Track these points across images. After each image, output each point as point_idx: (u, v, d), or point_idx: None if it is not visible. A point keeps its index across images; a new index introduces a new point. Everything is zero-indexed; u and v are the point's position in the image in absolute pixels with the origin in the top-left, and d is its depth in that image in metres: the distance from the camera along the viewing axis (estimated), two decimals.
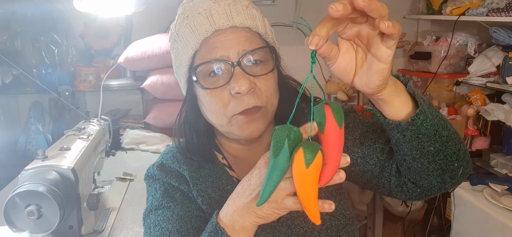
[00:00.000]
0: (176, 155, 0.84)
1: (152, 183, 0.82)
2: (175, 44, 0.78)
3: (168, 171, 0.81)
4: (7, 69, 2.06)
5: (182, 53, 0.76)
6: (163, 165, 0.83)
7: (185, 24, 0.75)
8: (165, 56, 2.26)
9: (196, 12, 0.74)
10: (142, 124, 2.35)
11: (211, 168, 0.82)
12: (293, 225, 0.78)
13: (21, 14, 2.10)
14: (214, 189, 0.79)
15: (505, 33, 2.04)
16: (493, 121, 2.12)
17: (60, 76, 2.14)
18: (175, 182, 0.79)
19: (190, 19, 0.74)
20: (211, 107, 0.75)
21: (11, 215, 0.98)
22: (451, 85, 2.44)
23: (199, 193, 0.79)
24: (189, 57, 0.75)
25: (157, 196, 0.79)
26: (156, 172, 0.82)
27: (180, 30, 0.76)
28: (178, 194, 0.79)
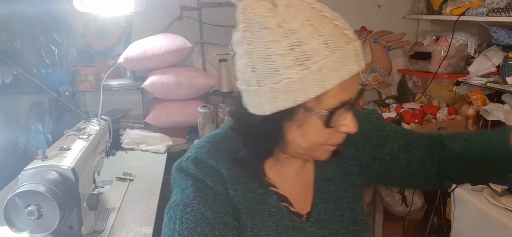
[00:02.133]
0: (211, 151, 0.79)
1: (184, 177, 0.77)
2: (299, 68, 0.64)
3: (204, 167, 0.77)
4: (7, 69, 2.06)
5: (312, 85, 0.65)
6: (199, 160, 0.78)
7: (322, 55, 0.64)
8: (165, 56, 2.26)
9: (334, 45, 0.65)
10: (142, 124, 2.35)
11: (247, 167, 0.80)
12: (321, 226, 0.80)
13: (21, 14, 2.10)
14: (247, 189, 0.78)
15: (505, 33, 2.04)
16: (493, 121, 2.11)
17: (60, 76, 2.14)
18: (209, 182, 0.76)
19: (327, 51, 0.64)
20: (315, 139, 0.72)
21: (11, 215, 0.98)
22: (451, 85, 2.44)
23: (236, 193, 0.77)
24: (320, 93, 0.66)
25: (188, 193, 0.75)
26: (191, 167, 0.77)
27: (314, 58, 0.64)
28: (210, 195, 0.75)
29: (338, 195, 0.84)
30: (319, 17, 0.66)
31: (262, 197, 0.79)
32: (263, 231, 0.76)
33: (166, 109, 2.32)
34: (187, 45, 2.30)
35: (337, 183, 0.85)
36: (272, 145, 0.75)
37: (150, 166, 1.92)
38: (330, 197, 0.83)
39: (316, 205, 0.82)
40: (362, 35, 2.71)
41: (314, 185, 0.84)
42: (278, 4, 0.66)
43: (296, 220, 0.79)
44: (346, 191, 0.85)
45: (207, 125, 2.27)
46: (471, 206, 1.71)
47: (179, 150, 2.30)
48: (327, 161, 0.83)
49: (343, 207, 0.83)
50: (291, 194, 0.81)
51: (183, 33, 2.42)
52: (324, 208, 0.82)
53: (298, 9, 0.65)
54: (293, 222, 0.78)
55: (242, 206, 0.77)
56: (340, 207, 0.83)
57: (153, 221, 1.40)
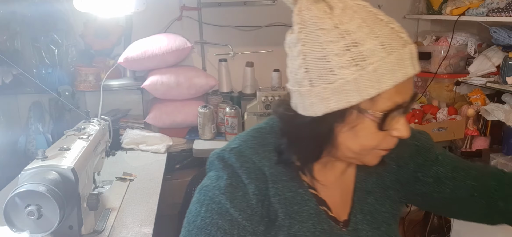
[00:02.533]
0: (255, 147, 0.78)
1: (223, 167, 0.77)
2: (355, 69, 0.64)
3: (245, 161, 0.76)
4: (7, 69, 2.06)
5: (367, 86, 0.65)
6: (242, 153, 0.77)
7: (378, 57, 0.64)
8: (165, 56, 2.26)
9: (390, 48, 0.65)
10: (142, 124, 2.35)
11: (287, 168, 0.79)
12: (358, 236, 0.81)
13: (21, 14, 2.10)
14: (288, 189, 0.78)
15: (505, 33, 2.04)
16: (493, 121, 2.12)
17: (60, 76, 2.14)
18: (245, 179, 0.75)
19: (380, 52, 0.65)
20: (367, 142, 0.71)
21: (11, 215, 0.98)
22: (451, 85, 2.44)
23: (277, 191, 0.77)
24: (375, 95, 0.66)
25: (220, 185, 0.75)
26: (232, 159, 0.76)
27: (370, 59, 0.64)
28: (240, 194, 0.75)
29: (375, 208, 0.84)
30: (375, 19, 0.66)
31: (302, 198, 0.78)
32: (301, 232, 0.76)
33: (166, 109, 2.32)
34: (187, 45, 2.30)
35: (376, 196, 0.85)
36: (322, 148, 0.74)
37: (150, 166, 1.92)
38: (368, 209, 0.83)
39: (354, 215, 0.82)
40: None
41: (354, 194, 0.84)
42: (334, 6, 0.66)
43: (333, 226, 0.79)
44: (384, 205, 0.85)
45: (207, 125, 2.27)
46: None
47: (179, 150, 2.30)
48: (368, 172, 0.84)
49: (380, 221, 0.83)
50: (330, 199, 0.81)
51: (183, 33, 2.42)
52: (361, 219, 0.82)
53: (355, 11, 0.66)
54: (330, 227, 0.79)
55: (282, 205, 0.77)
56: (377, 221, 0.83)
57: (153, 221, 1.40)
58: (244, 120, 2.32)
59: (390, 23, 0.67)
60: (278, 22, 2.55)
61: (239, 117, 2.26)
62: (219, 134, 2.34)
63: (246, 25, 2.55)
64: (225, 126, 2.27)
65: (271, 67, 2.55)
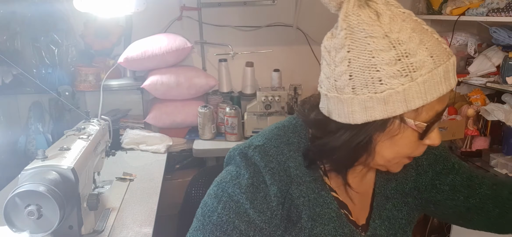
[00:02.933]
0: (280, 146, 0.77)
1: (245, 165, 0.75)
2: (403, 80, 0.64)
3: (270, 161, 0.75)
4: (7, 69, 2.06)
5: (414, 97, 0.65)
6: (267, 152, 0.76)
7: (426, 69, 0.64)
8: (165, 56, 2.26)
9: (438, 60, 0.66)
10: (142, 124, 2.35)
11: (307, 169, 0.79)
12: None
13: (21, 14, 2.10)
14: (311, 190, 0.78)
15: (505, 33, 2.04)
16: (493, 121, 2.12)
17: (60, 76, 2.14)
18: (268, 179, 0.74)
19: (432, 64, 0.65)
20: (404, 151, 0.72)
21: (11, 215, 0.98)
22: None
23: (301, 193, 0.76)
24: (420, 105, 0.66)
25: (241, 183, 0.74)
26: (256, 157, 0.75)
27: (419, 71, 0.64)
28: (261, 195, 0.74)
29: (393, 214, 0.84)
30: (422, 29, 0.66)
31: (324, 201, 0.78)
32: (323, 234, 0.77)
33: (166, 109, 2.32)
34: (187, 45, 2.30)
35: (394, 202, 0.85)
36: (358, 156, 0.73)
37: (150, 166, 1.92)
38: (386, 215, 0.84)
39: (373, 220, 0.82)
40: None
41: (373, 200, 0.84)
42: (382, 13, 0.66)
43: (354, 230, 0.80)
44: (401, 211, 0.85)
45: (207, 125, 2.27)
46: None
47: (179, 150, 2.30)
48: (387, 178, 0.85)
49: (396, 228, 0.84)
50: (349, 202, 0.81)
51: (183, 33, 2.42)
52: (380, 225, 0.83)
53: (403, 20, 0.66)
54: (351, 231, 0.79)
55: (305, 206, 0.76)
56: (394, 227, 0.84)
57: (153, 221, 1.40)
58: (244, 120, 2.32)
59: (434, 34, 0.67)
60: (278, 22, 2.55)
61: (239, 117, 2.26)
62: (219, 134, 2.34)
63: (246, 25, 2.55)
64: (225, 126, 2.27)
65: (271, 67, 2.55)
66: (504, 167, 2.03)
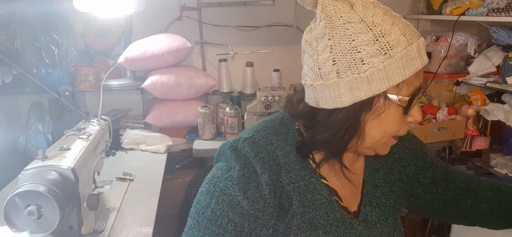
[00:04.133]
0: (269, 136, 0.80)
1: (235, 157, 0.77)
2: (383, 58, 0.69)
3: (259, 151, 0.77)
4: (7, 69, 2.06)
5: (394, 73, 0.70)
6: (256, 143, 0.78)
7: (402, 46, 0.70)
8: (165, 56, 2.26)
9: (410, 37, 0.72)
10: (142, 124, 2.35)
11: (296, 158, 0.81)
12: (367, 227, 0.84)
13: (21, 14, 2.10)
14: (301, 177, 0.80)
15: (505, 33, 2.04)
16: (493, 121, 2.12)
17: (60, 76, 2.14)
18: (259, 169, 0.76)
19: (403, 42, 0.71)
20: (391, 128, 0.76)
21: (11, 215, 0.98)
22: (451, 85, 2.44)
23: (291, 179, 0.79)
24: (401, 81, 0.71)
25: (233, 176, 0.76)
26: (246, 148, 0.77)
27: (396, 48, 0.70)
28: (253, 185, 0.75)
29: (382, 202, 0.88)
30: (392, 14, 0.74)
31: (315, 187, 0.81)
32: (315, 219, 0.79)
33: (166, 109, 2.32)
34: (187, 45, 2.30)
35: (383, 191, 0.89)
36: (349, 139, 0.76)
37: (150, 166, 1.92)
38: (375, 202, 0.87)
39: (364, 206, 0.85)
40: None
41: (363, 188, 0.87)
42: (355, 3, 0.72)
43: (345, 215, 0.82)
44: (389, 200, 0.89)
45: (207, 125, 2.27)
46: None
47: (179, 150, 2.30)
48: (375, 168, 0.89)
49: (387, 214, 0.87)
50: (340, 189, 0.84)
51: (183, 33, 2.42)
52: (370, 211, 0.86)
53: (375, 6, 0.72)
54: (342, 216, 0.82)
55: (296, 193, 0.79)
56: (384, 214, 0.87)
57: (153, 221, 1.40)
58: (244, 120, 2.32)
59: (402, 18, 0.75)
60: (278, 22, 2.55)
61: (239, 117, 2.26)
62: (219, 134, 2.34)
63: (246, 25, 2.55)
64: (225, 126, 2.27)
65: (271, 67, 2.55)
66: (504, 167, 2.03)
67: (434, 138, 2.22)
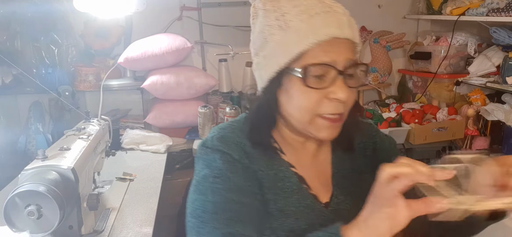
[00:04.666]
0: (235, 130, 0.84)
1: (210, 152, 0.81)
2: (281, 32, 0.75)
3: (229, 143, 0.81)
4: (7, 69, 2.06)
5: (291, 44, 0.74)
6: (224, 137, 0.83)
7: (301, 19, 0.74)
8: (165, 56, 2.26)
9: (314, 11, 0.74)
10: (142, 124, 2.35)
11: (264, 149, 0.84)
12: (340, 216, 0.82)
13: (21, 14, 2.10)
14: (270, 167, 0.82)
15: (505, 33, 2.04)
16: (493, 121, 2.12)
17: (60, 76, 2.14)
18: (236, 156, 0.80)
19: (305, 14, 0.74)
20: (300, 102, 0.77)
21: (11, 215, 0.98)
22: (451, 85, 2.44)
23: (259, 167, 0.81)
24: (298, 52, 0.74)
25: (217, 165, 0.79)
26: (216, 143, 0.81)
27: (294, 21, 0.74)
28: (239, 166, 0.79)
29: (354, 191, 0.87)
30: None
31: (284, 175, 0.82)
32: (286, 206, 0.80)
33: (166, 109, 2.32)
34: (187, 45, 2.30)
35: (353, 180, 0.89)
36: (272, 115, 0.82)
37: (150, 166, 1.92)
38: (347, 191, 0.87)
39: (336, 196, 0.86)
40: (362, 35, 2.71)
41: (332, 179, 0.88)
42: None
43: (315, 202, 0.83)
44: (361, 188, 0.86)
45: (207, 125, 2.27)
46: None
47: (179, 150, 2.30)
48: (343, 158, 0.89)
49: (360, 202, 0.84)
50: (308, 179, 0.85)
51: (183, 33, 2.42)
52: (343, 200, 0.86)
53: None
54: (313, 203, 0.82)
55: (266, 180, 0.81)
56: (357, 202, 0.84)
57: (153, 221, 1.40)
58: None
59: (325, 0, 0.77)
60: None
61: None
62: None
63: (246, 25, 2.53)
64: None
65: None
66: None
67: (434, 138, 2.22)
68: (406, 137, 2.23)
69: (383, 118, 2.31)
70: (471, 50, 2.38)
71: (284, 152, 0.86)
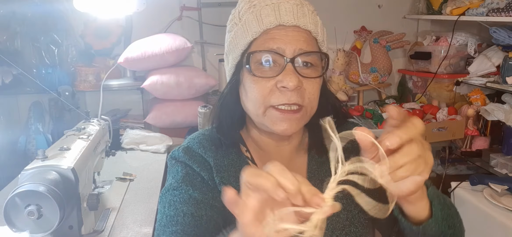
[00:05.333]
0: (202, 141, 0.85)
1: (175, 164, 0.83)
2: (235, 28, 0.79)
3: (192, 155, 0.83)
4: (7, 69, 2.06)
5: (241, 37, 0.77)
6: (189, 149, 0.84)
7: (250, 12, 0.77)
8: (165, 56, 2.26)
9: (264, 4, 0.77)
10: (142, 124, 2.35)
11: (235, 159, 0.83)
12: None
13: (21, 14, 2.10)
14: (236, 179, 0.80)
15: (505, 33, 2.04)
16: (493, 121, 2.12)
17: (60, 76, 2.14)
18: (196, 168, 0.81)
19: (256, 8, 0.77)
20: (252, 94, 0.76)
21: (11, 215, 0.98)
22: (451, 85, 2.44)
23: (222, 180, 0.80)
24: (247, 43, 0.76)
25: (177, 178, 0.80)
26: (181, 155, 0.83)
27: (244, 15, 0.78)
28: (198, 179, 0.80)
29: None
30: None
31: None
32: None
33: (166, 109, 2.32)
34: (187, 45, 2.30)
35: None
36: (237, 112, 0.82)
37: (150, 166, 1.92)
38: None
39: None
40: (362, 35, 2.71)
41: None
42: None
43: None
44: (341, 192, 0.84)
45: (207, 125, 2.26)
46: (471, 206, 1.71)
47: None
48: (320, 161, 0.86)
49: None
50: None
51: (183, 33, 2.42)
52: None
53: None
54: None
55: None
56: None
57: (153, 221, 1.40)
58: None
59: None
60: None
61: None
62: None
63: None
64: None
65: None
66: (504, 167, 2.04)
67: (434, 138, 2.22)
68: None
69: (383, 118, 2.31)
70: (471, 50, 2.38)
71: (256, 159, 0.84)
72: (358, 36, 2.72)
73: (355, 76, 2.68)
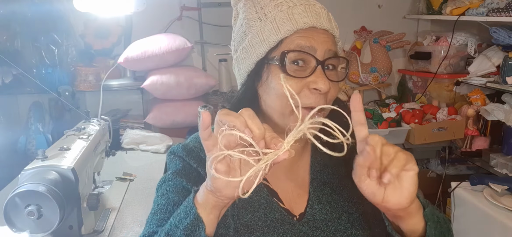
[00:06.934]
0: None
1: (173, 158, 0.84)
2: (258, 23, 0.77)
3: (191, 152, 0.83)
4: (7, 69, 2.06)
5: (268, 33, 0.75)
6: (189, 146, 0.84)
7: (279, 9, 0.76)
8: (165, 56, 2.26)
9: (292, 3, 0.76)
10: (142, 124, 2.35)
11: None
12: (315, 227, 0.80)
13: (21, 14, 2.10)
14: None
15: (505, 33, 2.04)
16: (493, 121, 2.12)
17: (60, 76, 2.14)
18: (194, 164, 0.81)
19: (284, 6, 0.76)
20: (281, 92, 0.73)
21: (11, 215, 0.98)
22: (451, 85, 2.44)
23: None
24: (276, 40, 0.75)
25: (174, 170, 0.82)
26: (179, 150, 0.84)
27: (272, 12, 0.76)
28: (194, 174, 0.81)
29: (333, 198, 0.83)
30: None
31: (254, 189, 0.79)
32: (253, 221, 0.77)
33: (166, 109, 2.32)
34: (187, 45, 2.30)
35: (333, 186, 0.84)
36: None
37: (150, 166, 1.92)
38: (326, 199, 0.82)
39: (311, 206, 0.81)
40: (362, 35, 2.71)
41: (310, 186, 0.83)
42: None
43: (285, 215, 0.79)
44: (342, 195, 0.84)
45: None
46: (471, 206, 1.71)
47: None
48: (324, 164, 0.85)
49: (340, 211, 0.82)
50: (282, 191, 0.82)
51: (183, 33, 2.42)
52: (319, 210, 0.81)
53: None
54: (282, 217, 0.79)
55: None
56: (336, 210, 0.82)
57: None
58: None
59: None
60: None
61: None
62: None
63: None
64: None
65: None
66: (504, 167, 2.04)
67: (434, 138, 2.22)
68: (406, 137, 2.23)
69: (383, 118, 2.31)
70: (471, 50, 2.38)
71: None
72: (358, 36, 2.72)
73: (355, 76, 2.68)
